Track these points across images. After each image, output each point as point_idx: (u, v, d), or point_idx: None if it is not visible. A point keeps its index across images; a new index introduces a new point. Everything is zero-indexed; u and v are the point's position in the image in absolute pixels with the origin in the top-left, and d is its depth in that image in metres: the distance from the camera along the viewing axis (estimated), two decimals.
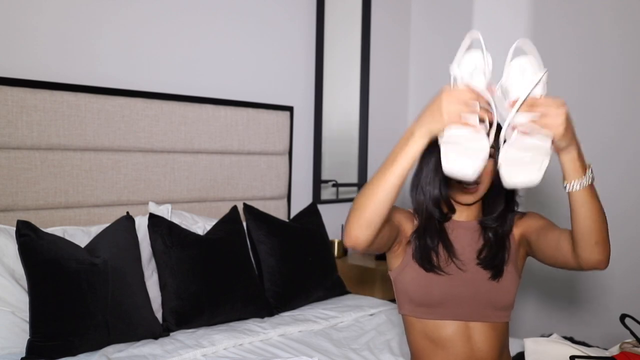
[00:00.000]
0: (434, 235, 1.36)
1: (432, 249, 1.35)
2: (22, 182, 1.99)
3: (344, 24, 3.24)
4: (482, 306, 1.33)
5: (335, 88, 3.16)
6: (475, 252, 1.36)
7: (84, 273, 1.78)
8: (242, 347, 1.89)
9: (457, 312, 1.33)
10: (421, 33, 3.48)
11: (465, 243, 1.37)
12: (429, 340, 1.36)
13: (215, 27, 2.60)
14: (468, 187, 1.30)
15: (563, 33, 2.83)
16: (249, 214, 2.40)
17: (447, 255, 1.35)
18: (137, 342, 1.84)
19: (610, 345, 1.67)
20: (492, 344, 1.34)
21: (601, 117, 2.71)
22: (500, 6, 3.07)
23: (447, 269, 1.33)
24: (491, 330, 1.34)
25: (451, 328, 1.34)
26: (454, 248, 1.36)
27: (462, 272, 1.34)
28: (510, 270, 1.35)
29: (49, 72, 2.10)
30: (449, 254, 1.35)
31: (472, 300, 1.33)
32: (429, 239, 1.35)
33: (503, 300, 1.34)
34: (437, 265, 1.33)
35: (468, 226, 1.39)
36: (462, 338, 1.33)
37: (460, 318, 1.34)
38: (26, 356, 1.65)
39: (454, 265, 1.34)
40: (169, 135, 2.36)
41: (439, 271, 1.33)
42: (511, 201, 1.38)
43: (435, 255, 1.34)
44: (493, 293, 1.33)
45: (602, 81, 2.71)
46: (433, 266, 1.33)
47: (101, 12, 2.24)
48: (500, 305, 1.34)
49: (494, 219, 1.37)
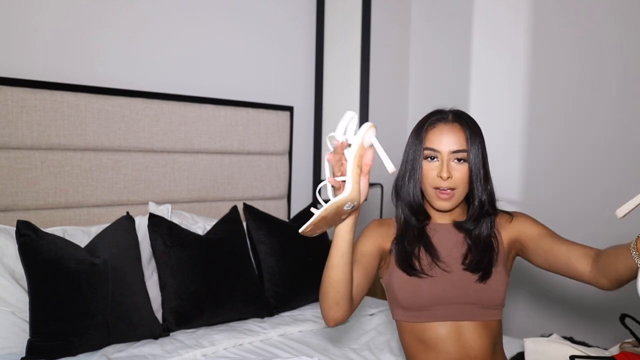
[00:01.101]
0: (413, 241, 1.37)
1: (412, 253, 1.35)
2: (22, 182, 1.99)
3: (344, 24, 3.24)
4: (471, 306, 1.33)
5: (335, 88, 3.16)
6: (460, 254, 1.36)
7: (84, 273, 1.78)
8: (242, 347, 1.89)
9: (446, 313, 1.34)
10: (421, 33, 3.48)
11: (450, 244, 1.38)
12: (421, 342, 1.36)
13: (215, 27, 2.60)
14: (442, 192, 1.31)
15: (563, 33, 2.83)
16: (249, 214, 2.40)
17: (430, 259, 1.35)
18: (137, 342, 1.84)
19: (610, 345, 1.67)
20: (484, 342, 1.34)
21: (601, 117, 2.71)
22: (500, 6, 3.07)
23: (431, 272, 1.34)
24: (482, 328, 1.34)
25: (442, 329, 1.34)
26: (437, 251, 1.36)
27: (447, 273, 1.34)
28: (499, 271, 1.34)
29: (49, 72, 2.10)
30: (432, 257, 1.35)
31: (460, 300, 1.33)
32: (407, 244, 1.36)
33: (492, 299, 1.34)
34: (420, 269, 1.34)
35: (450, 228, 1.40)
36: (453, 338, 1.33)
37: (450, 318, 1.34)
38: (26, 356, 1.65)
39: (438, 268, 1.34)
40: (169, 135, 2.36)
41: (422, 275, 1.33)
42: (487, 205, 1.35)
43: (417, 260, 1.35)
44: (481, 293, 1.33)
45: (602, 81, 2.71)
46: (415, 270, 1.34)
47: (101, 12, 2.24)
48: (489, 305, 1.34)
49: (470, 222, 1.37)
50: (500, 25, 3.06)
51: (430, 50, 3.43)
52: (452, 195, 1.32)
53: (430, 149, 1.32)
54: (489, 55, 3.10)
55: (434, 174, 1.31)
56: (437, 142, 1.32)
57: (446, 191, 1.31)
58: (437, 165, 1.32)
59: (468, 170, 1.31)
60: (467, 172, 1.31)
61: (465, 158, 1.31)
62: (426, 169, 1.33)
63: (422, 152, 1.33)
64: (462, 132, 1.32)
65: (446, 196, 1.31)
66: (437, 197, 1.32)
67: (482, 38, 3.13)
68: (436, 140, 1.32)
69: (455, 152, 1.31)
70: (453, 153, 1.31)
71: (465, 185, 1.32)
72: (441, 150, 1.31)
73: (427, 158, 1.33)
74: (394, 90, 3.49)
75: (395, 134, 3.47)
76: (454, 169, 1.31)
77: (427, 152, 1.32)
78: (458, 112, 1.37)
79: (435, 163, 1.32)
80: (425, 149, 1.32)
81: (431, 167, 1.32)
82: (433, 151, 1.32)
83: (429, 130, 1.34)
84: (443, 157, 1.31)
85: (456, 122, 1.34)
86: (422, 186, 1.35)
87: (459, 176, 1.31)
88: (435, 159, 1.32)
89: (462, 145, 1.31)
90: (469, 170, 1.31)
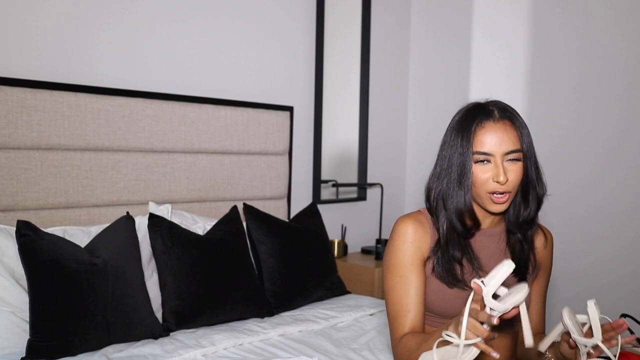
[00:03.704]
0: (457, 250, 1.27)
1: (457, 262, 1.26)
2: (22, 182, 1.99)
3: (344, 24, 3.24)
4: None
5: (335, 88, 3.16)
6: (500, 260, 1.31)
7: (84, 273, 1.78)
8: (242, 347, 1.89)
9: None
10: (421, 33, 3.48)
11: (491, 252, 1.30)
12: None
13: (215, 27, 2.61)
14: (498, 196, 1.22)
15: (563, 33, 2.83)
16: (249, 214, 2.40)
17: (471, 268, 1.27)
18: (137, 342, 1.84)
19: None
20: (505, 353, 1.31)
21: (601, 117, 2.71)
22: (500, 6, 3.07)
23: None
24: (505, 339, 1.31)
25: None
26: (479, 259, 1.28)
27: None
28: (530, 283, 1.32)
29: (49, 72, 2.11)
30: (473, 266, 1.27)
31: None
32: (452, 255, 1.27)
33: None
34: (462, 279, 1.26)
35: (492, 233, 1.32)
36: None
37: None
38: (26, 356, 1.65)
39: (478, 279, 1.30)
40: (169, 135, 2.36)
41: (464, 287, 1.25)
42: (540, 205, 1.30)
43: (460, 270, 1.26)
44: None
45: (602, 81, 2.71)
46: (458, 281, 1.25)
47: (101, 12, 2.24)
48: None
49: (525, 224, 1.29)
50: (500, 25, 3.06)
51: (430, 50, 3.43)
52: (509, 197, 1.23)
53: (482, 153, 1.21)
54: (489, 55, 3.10)
55: (488, 178, 1.21)
56: (489, 144, 1.21)
57: (503, 195, 1.22)
58: (490, 167, 1.21)
59: (523, 169, 1.23)
60: (522, 171, 1.23)
61: (519, 158, 1.22)
62: (478, 173, 1.22)
63: (472, 156, 1.22)
64: (514, 129, 1.22)
65: (503, 199, 1.22)
66: (492, 202, 1.22)
67: (482, 38, 3.13)
68: (488, 142, 1.21)
69: (509, 152, 1.21)
70: (507, 154, 1.21)
71: (519, 184, 1.24)
72: (494, 153, 1.21)
73: (478, 162, 1.22)
74: (394, 91, 3.49)
75: (394, 134, 3.47)
76: (509, 170, 1.21)
77: (478, 157, 1.21)
78: (502, 105, 1.26)
79: (488, 166, 1.21)
80: (475, 152, 1.21)
81: (483, 170, 1.22)
82: (485, 155, 1.21)
83: (477, 132, 1.22)
84: (497, 159, 1.21)
85: (505, 118, 1.23)
86: (474, 191, 1.24)
87: (514, 177, 1.21)
88: (488, 161, 1.22)
89: (516, 144, 1.21)
90: (523, 169, 1.23)
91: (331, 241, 2.90)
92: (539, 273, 1.37)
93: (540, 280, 1.38)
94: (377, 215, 3.34)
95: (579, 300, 2.74)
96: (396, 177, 3.50)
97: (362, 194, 3.33)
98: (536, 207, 1.29)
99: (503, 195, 1.21)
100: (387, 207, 3.37)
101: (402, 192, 3.55)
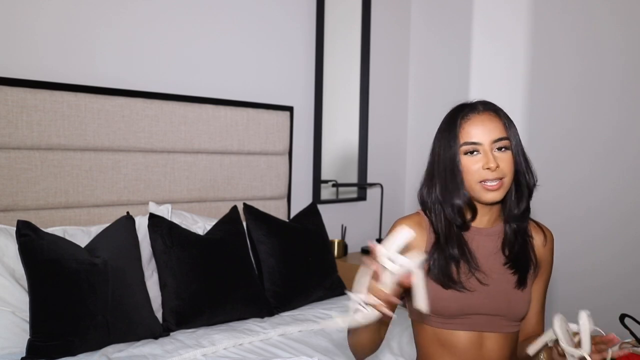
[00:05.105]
0: (454, 249, 1.28)
1: (452, 265, 1.27)
2: (22, 182, 1.99)
3: (344, 24, 3.24)
4: (499, 318, 1.30)
5: (335, 88, 3.16)
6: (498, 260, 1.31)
7: (84, 273, 1.78)
8: (242, 347, 1.89)
9: (473, 323, 1.30)
10: (421, 33, 3.48)
11: (488, 252, 1.30)
12: (440, 345, 1.32)
13: (215, 27, 2.61)
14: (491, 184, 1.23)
15: (563, 33, 2.83)
16: (249, 214, 2.40)
17: (467, 269, 1.27)
18: (137, 342, 1.84)
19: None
20: (504, 353, 1.32)
21: (601, 117, 2.71)
22: (500, 6, 3.07)
23: (468, 284, 1.27)
24: (504, 339, 1.32)
25: (464, 336, 1.30)
26: (475, 259, 1.28)
27: (483, 285, 1.27)
28: (530, 284, 1.33)
29: (49, 72, 2.11)
30: (470, 266, 1.27)
31: (490, 312, 1.29)
32: (449, 253, 1.28)
33: (521, 311, 1.31)
34: (458, 280, 1.26)
35: (489, 233, 1.32)
36: (474, 346, 1.30)
37: (476, 329, 1.30)
38: (26, 356, 1.65)
39: (474, 279, 1.27)
40: (169, 135, 2.36)
41: (460, 288, 1.26)
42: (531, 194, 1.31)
43: (456, 269, 1.27)
44: (513, 304, 1.29)
45: (603, 81, 2.71)
46: (454, 282, 1.26)
47: (101, 12, 2.24)
48: (517, 317, 1.32)
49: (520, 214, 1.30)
50: (500, 25, 3.06)
51: (430, 50, 3.43)
52: (501, 184, 1.23)
53: (470, 143, 1.23)
54: (489, 55, 3.10)
55: (478, 168, 1.23)
56: (476, 134, 1.23)
57: (495, 182, 1.22)
58: (479, 158, 1.23)
59: (512, 157, 1.24)
60: (511, 159, 1.24)
61: (507, 146, 1.24)
62: (467, 164, 1.24)
63: (460, 148, 1.24)
64: (498, 119, 1.25)
65: (495, 186, 1.22)
66: (485, 190, 1.23)
67: (482, 38, 3.13)
68: (475, 133, 1.23)
69: (496, 140, 1.23)
70: (495, 142, 1.23)
71: (512, 174, 1.25)
72: (482, 142, 1.23)
73: (467, 153, 1.24)
74: (394, 90, 3.49)
75: (394, 134, 3.47)
76: (499, 158, 1.23)
77: (467, 147, 1.24)
78: (485, 101, 1.30)
79: (478, 156, 1.23)
80: (463, 144, 1.24)
81: (473, 161, 1.24)
82: (474, 145, 1.23)
83: (463, 124, 1.25)
84: (485, 148, 1.23)
85: (489, 110, 1.27)
86: (467, 184, 1.25)
87: (505, 165, 1.23)
88: (476, 152, 1.24)
89: (502, 132, 1.24)
90: (512, 157, 1.24)
91: (331, 241, 2.89)
92: (539, 272, 1.37)
93: (540, 279, 1.38)
94: (377, 215, 3.34)
95: (579, 300, 2.75)
96: (396, 177, 3.50)
97: (362, 194, 3.33)
98: (527, 197, 1.30)
99: (495, 182, 1.23)
100: (387, 207, 3.37)
101: (402, 192, 3.55)
